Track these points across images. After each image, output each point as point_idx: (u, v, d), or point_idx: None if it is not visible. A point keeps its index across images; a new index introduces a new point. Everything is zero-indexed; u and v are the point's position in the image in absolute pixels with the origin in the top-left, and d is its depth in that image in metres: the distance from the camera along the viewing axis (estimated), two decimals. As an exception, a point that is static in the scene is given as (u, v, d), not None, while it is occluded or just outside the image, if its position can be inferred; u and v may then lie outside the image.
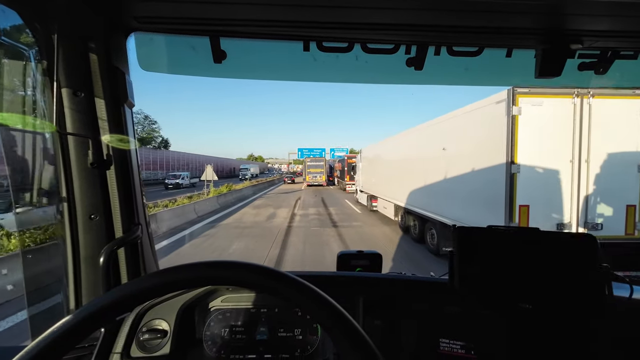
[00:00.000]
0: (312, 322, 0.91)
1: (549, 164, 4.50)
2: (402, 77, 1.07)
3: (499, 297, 0.78)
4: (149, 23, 0.83)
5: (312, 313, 0.43)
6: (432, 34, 0.87)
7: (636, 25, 0.78)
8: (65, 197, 0.80)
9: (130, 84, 0.91)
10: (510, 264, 0.76)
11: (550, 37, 0.83)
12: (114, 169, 0.86)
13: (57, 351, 0.37)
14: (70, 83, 0.76)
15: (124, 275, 0.92)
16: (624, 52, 0.92)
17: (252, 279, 0.44)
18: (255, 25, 0.85)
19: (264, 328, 0.90)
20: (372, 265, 1.13)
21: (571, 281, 0.73)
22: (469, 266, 0.78)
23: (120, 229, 0.89)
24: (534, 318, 0.80)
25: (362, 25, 0.83)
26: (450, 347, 0.84)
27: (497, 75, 1.07)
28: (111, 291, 0.41)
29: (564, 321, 0.79)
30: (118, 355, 0.78)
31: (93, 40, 0.79)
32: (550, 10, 0.74)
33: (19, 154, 0.86)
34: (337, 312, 0.42)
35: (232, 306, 0.92)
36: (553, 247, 0.75)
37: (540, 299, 0.75)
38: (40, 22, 0.72)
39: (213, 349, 0.88)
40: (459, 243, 0.79)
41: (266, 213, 13.53)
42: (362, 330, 0.41)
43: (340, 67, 1.07)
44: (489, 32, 0.84)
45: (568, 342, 0.78)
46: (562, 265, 0.74)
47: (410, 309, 0.89)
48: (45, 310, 0.89)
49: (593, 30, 0.81)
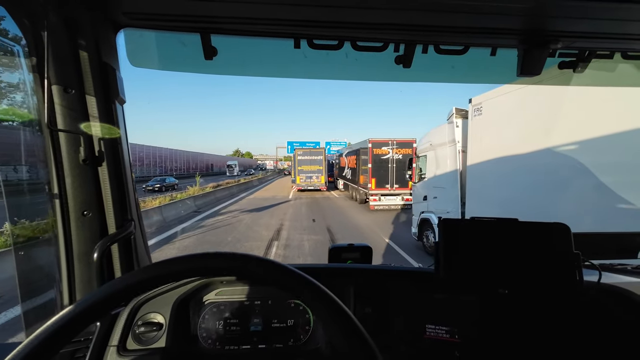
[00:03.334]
0: (305, 312, 0.94)
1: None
2: (391, 74, 1.10)
3: (480, 283, 0.83)
4: (138, 19, 0.83)
5: (308, 302, 0.46)
6: (420, 33, 0.90)
7: (611, 27, 0.83)
8: (58, 194, 0.80)
9: (121, 80, 0.91)
10: (491, 252, 0.81)
11: (532, 37, 0.87)
12: (106, 165, 0.86)
13: (54, 344, 0.38)
14: (60, 80, 0.76)
15: (117, 272, 0.93)
16: (600, 52, 0.97)
17: (251, 270, 0.46)
18: (246, 23, 0.86)
19: (257, 319, 0.92)
20: (362, 258, 1.17)
21: (545, 267, 0.78)
22: (454, 255, 0.83)
23: (114, 225, 0.89)
24: (510, 302, 0.85)
25: (352, 24, 0.85)
26: (436, 332, 0.88)
27: (481, 73, 1.11)
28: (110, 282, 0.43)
29: (538, 304, 0.84)
30: (114, 348, 0.79)
31: (83, 37, 0.78)
32: (532, 12, 0.77)
33: (11, 152, 0.85)
34: (332, 302, 0.45)
35: (226, 299, 0.94)
36: (530, 235, 0.80)
37: (516, 284, 0.80)
38: (28, 18, 0.71)
39: (208, 340, 0.90)
40: (444, 234, 0.83)
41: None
42: (355, 318, 0.44)
43: (330, 65, 1.09)
44: (474, 31, 0.87)
45: (541, 324, 0.84)
46: (538, 252, 0.79)
47: (398, 298, 0.93)
48: (39, 307, 0.89)
49: (571, 32, 0.85)
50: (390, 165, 12.95)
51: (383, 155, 12.96)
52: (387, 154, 12.95)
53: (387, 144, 12.99)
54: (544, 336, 0.83)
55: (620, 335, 0.80)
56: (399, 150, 12.96)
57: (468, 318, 0.88)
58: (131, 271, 0.46)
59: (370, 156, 12.90)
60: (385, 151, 12.96)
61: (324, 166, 21.13)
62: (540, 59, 0.88)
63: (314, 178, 20.93)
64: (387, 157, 12.97)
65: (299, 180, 21.05)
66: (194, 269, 0.46)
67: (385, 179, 12.90)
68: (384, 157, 12.93)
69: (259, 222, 10.46)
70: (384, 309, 0.92)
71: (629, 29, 0.83)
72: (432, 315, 0.90)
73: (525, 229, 0.81)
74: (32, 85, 0.76)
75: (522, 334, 0.84)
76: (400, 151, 12.92)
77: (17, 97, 0.79)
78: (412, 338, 0.89)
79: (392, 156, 12.95)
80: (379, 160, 12.89)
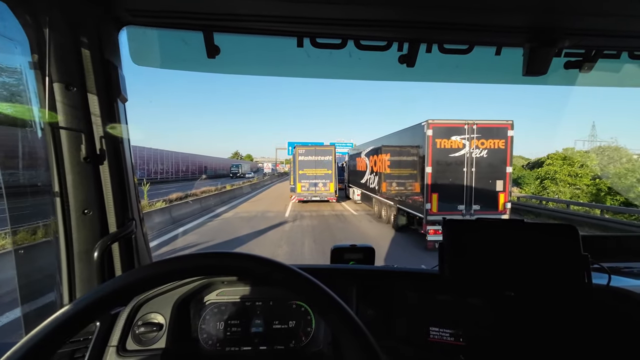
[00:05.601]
0: (307, 314, 0.93)
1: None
2: (395, 74, 1.09)
3: (486, 285, 0.82)
4: (141, 17, 0.83)
5: (314, 303, 0.46)
6: (423, 31, 0.89)
7: (619, 24, 0.82)
8: (59, 192, 0.80)
9: (123, 78, 0.90)
10: (497, 253, 0.80)
11: (537, 35, 0.86)
12: (108, 164, 0.86)
13: (53, 343, 0.37)
14: (62, 77, 0.76)
15: (118, 271, 0.93)
16: (607, 51, 0.96)
17: (251, 268, 0.46)
18: (249, 21, 0.85)
19: (259, 320, 0.91)
20: (365, 259, 1.15)
21: (553, 269, 0.77)
22: (459, 257, 0.81)
23: (114, 224, 0.89)
24: (519, 305, 0.83)
25: (355, 21, 0.84)
26: (440, 335, 0.87)
27: (486, 73, 1.10)
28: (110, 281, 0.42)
29: (546, 307, 0.83)
30: (114, 348, 0.78)
31: (85, 34, 0.78)
32: (537, 8, 0.77)
33: (11, 149, 0.85)
34: (336, 303, 0.44)
35: (227, 300, 0.93)
36: (537, 237, 0.78)
37: (524, 287, 0.79)
38: (31, 15, 0.71)
39: (209, 341, 0.89)
40: (449, 235, 0.82)
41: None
42: (358, 319, 0.43)
43: (333, 64, 1.08)
44: (478, 29, 0.86)
45: (550, 327, 0.82)
46: (545, 254, 0.77)
47: (401, 299, 0.91)
48: (39, 306, 0.88)
49: (579, 29, 0.84)
50: (466, 168, 7.23)
51: (453, 151, 7.24)
52: (461, 148, 7.23)
53: (459, 130, 7.22)
54: (553, 340, 0.82)
55: (631, 340, 0.78)
56: (484, 141, 7.22)
57: (473, 320, 0.86)
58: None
59: (429, 152, 7.14)
60: (457, 144, 7.22)
61: (334, 170, 15.26)
62: (547, 58, 0.87)
63: (320, 185, 15.22)
64: (460, 153, 7.25)
65: (300, 189, 15.21)
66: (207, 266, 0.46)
67: (457, 195, 7.29)
68: (454, 155, 7.25)
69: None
70: (387, 310, 0.90)
71: (637, 27, 0.81)
72: (436, 318, 0.88)
73: (532, 230, 0.79)
74: (33, 82, 0.75)
75: (530, 338, 0.82)
76: (485, 144, 7.24)
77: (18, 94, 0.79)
78: (416, 340, 0.87)
79: (469, 152, 7.22)
80: (444, 159, 7.23)
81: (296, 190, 15.35)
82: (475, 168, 7.22)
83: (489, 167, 7.22)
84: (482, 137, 7.22)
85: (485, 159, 7.23)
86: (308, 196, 15.25)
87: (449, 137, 7.22)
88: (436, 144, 7.19)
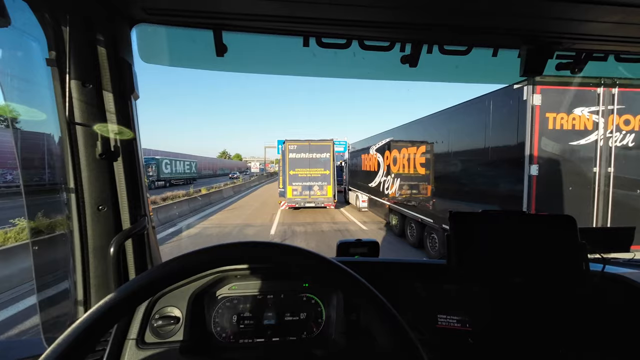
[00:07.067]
0: (317, 306, 0.96)
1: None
2: (398, 73, 1.13)
3: (493, 273, 0.87)
4: (155, 14, 0.84)
5: (352, 294, 0.51)
6: (425, 33, 0.93)
7: (607, 30, 0.88)
8: (74, 188, 0.80)
9: (136, 76, 0.91)
10: (502, 243, 0.85)
11: (533, 38, 0.91)
12: (121, 160, 0.87)
13: (102, 327, 0.40)
14: (78, 74, 0.76)
15: (131, 267, 0.93)
16: (595, 54, 1.02)
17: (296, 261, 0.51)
18: (257, 20, 0.87)
19: (271, 313, 0.94)
20: (370, 253, 1.19)
21: (553, 257, 0.83)
22: (466, 247, 0.86)
23: (128, 220, 0.90)
24: (523, 291, 0.89)
25: (360, 22, 0.88)
26: (447, 322, 0.92)
27: (484, 73, 1.15)
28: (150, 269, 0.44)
29: (548, 293, 0.89)
30: (133, 341, 0.80)
31: (101, 32, 0.79)
32: (533, 13, 0.82)
33: (29, 145, 0.85)
34: (373, 295, 0.50)
35: (239, 294, 0.95)
36: (538, 227, 0.84)
37: (528, 273, 0.85)
38: (50, 13, 0.72)
39: (223, 334, 0.92)
40: (456, 227, 0.87)
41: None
42: (392, 308, 0.49)
43: (338, 63, 1.11)
44: (477, 32, 0.91)
45: (552, 311, 0.88)
46: (546, 243, 0.83)
47: (408, 289, 0.96)
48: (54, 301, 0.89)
49: (571, 33, 0.90)
50: (597, 168, 4.03)
51: (575, 136, 4.01)
52: (590, 131, 4.00)
53: (585, 96, 3.92)
54: (554, 322, 0.87)
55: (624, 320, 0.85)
56: (630, 118, 3.98)
57: (480, 307, 0.91)
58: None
59: (534, 139, 3.97)
60: (582, 122, 3.96)
61: (332, 169, 12.79)
62: (542, 60, 0.92)
63: (315, 189, 12.74)
64: (587, 140, 4.02)
65: (292, 193, 12.78)
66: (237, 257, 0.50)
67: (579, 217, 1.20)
68: (576, 143, 4.03)
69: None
70: (394, 300, 0.94)
71: (624, 32, 0.87)
72: (444, 306, 0.93)
73: (533, 221, 0.85)
74: (50, 79, 0.76)
75: (533, 321, 0.88)
76: (632, 122, 3.98)
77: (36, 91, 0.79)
78: (424, 327, 0.92)
79: (604, 137, 3.99)
80: (561, 151, 4.02)
81: (286, 195, 12.88)
82: (614, 167, 4.01)
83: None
84: (627, 109, 3.92)
85: (634, 152, 3.97)
86: (301, 202, 12.81)
87: (569, 111, 3.94)
88: (547, 123, 3.93)
